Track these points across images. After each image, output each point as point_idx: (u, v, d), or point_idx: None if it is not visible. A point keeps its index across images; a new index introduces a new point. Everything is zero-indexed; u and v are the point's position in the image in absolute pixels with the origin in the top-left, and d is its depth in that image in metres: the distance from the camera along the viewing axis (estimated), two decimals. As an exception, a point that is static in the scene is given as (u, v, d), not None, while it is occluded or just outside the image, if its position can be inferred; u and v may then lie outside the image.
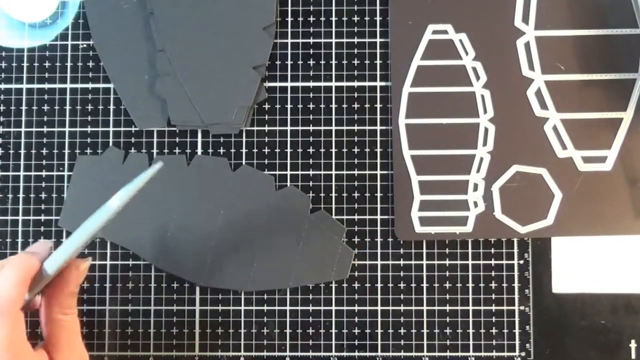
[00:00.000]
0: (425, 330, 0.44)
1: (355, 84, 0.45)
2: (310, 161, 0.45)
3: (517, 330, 0.44)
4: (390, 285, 0.44)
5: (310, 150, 0.45)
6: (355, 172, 0.45)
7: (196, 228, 0.44)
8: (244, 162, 0.45)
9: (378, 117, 0.45)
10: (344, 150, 0.45)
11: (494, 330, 0.44)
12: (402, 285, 0.44)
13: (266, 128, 0.45)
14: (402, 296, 0.44)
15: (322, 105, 0.45)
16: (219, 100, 0.44)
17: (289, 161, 0.45)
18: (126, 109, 0.45)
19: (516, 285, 0.44)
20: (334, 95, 0.45)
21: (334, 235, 0.44)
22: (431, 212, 0.44)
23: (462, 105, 0.44)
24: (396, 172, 0.44)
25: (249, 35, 0.44)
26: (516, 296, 0.44)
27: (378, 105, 0.45)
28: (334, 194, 0.45)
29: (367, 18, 0.45)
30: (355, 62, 0.45)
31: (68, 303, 0.37)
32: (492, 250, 0.44)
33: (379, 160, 0.45)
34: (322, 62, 0.45)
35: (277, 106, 0.45)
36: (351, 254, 0.44)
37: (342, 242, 0.44)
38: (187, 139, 0.45)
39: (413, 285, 0.44)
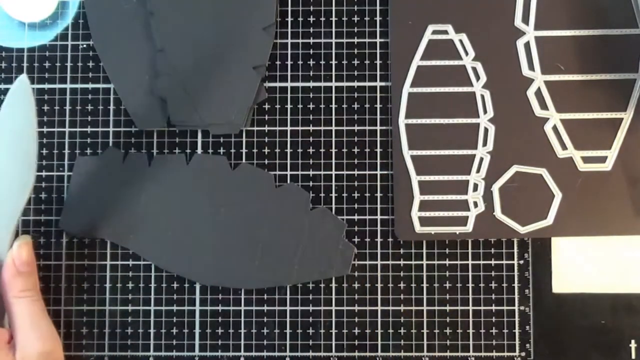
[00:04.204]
0: (425, 330, 0.44)
1: (355, 84, 0.45)
2: (310, 161, 0.45)
3: (517, 330, 0.44)
4: (390, 285, 0.44)
5: (310, 150, 0.45)
6: (355, 172, 0.45)
7: (197, 226, 0.44)
8: (243, 162, 0.45)
9: (378, 117, 0.45)
10: (344, 150, 0.45)
11: (494, 330, 0.44)
12: (402, 285, 0.44)
13: (266, 128, 0.45)
14: (402, 296, 0.44)
15: (322, 105, 0.45)
16: (219, 100, 0.44)
17: (289, 161, 0.45)
18: (126, 109, 0.45)
19: (516, 285, 0.44)
20: (334, 95, 0.45)
21: (334, 231, 0.44)
22: (431, 212, 0.44)
23: (462, 105, 0.44)
24: (396, 172, 0.44)
25: (249, 35, 0.44)
26: (516, 296, 0.44)
27: (378, 105, 0.45)
28: (334, 194, 0.45)
29: (367, 18, 0.45)
30: (355, 62, 0.45)
31: (17, 285, 0.38)
32: (492, 250, 0.44)
33: (379, 160, 0.45)
34: (322, 62, 0.45)
35: (277, 106, 0.45)
36: (352, 249, 0.44)
37: (342, 238, 0.44)
38: (187, 139, 0.45)
39: (413, 285, 0.44)
